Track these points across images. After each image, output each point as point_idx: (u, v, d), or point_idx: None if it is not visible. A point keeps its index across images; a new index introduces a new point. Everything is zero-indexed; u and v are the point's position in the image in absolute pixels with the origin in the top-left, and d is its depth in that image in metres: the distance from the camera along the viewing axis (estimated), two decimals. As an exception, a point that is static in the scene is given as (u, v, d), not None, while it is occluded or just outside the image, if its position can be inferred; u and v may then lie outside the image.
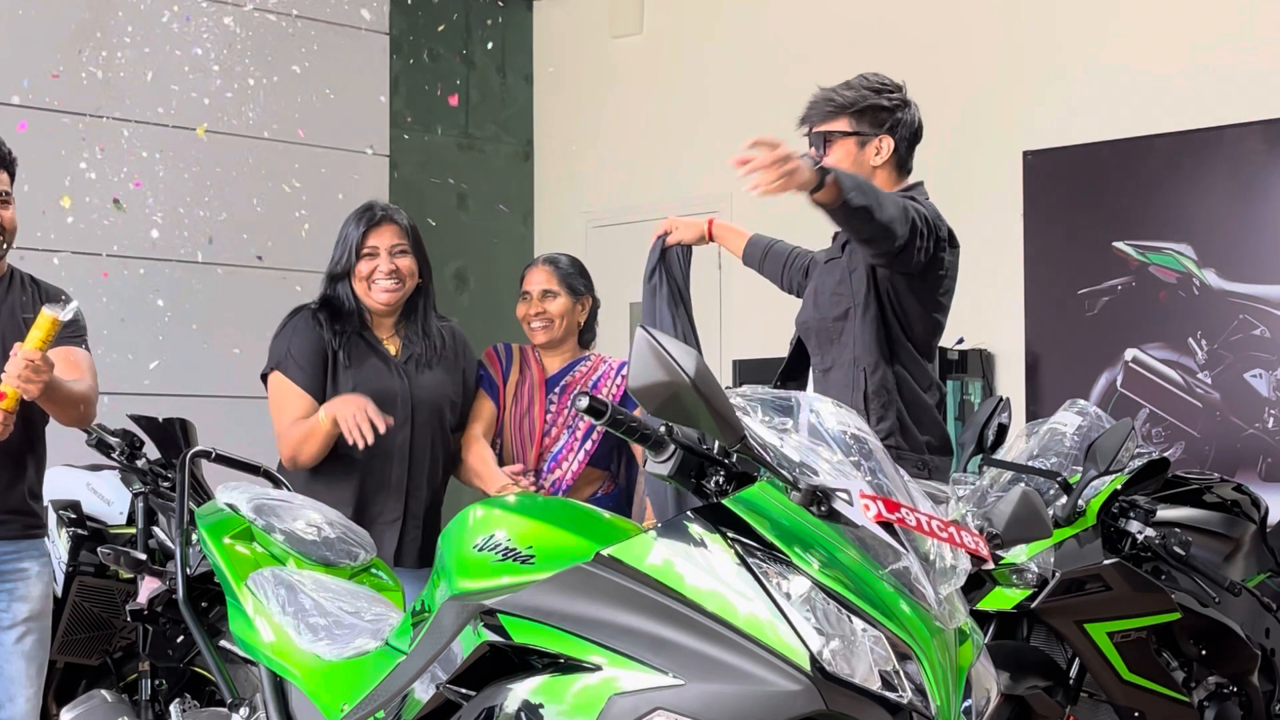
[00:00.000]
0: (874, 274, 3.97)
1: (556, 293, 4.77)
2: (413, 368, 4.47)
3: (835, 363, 4.04)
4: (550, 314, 4.76)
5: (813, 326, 4.11)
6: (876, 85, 4.11)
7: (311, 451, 4.37)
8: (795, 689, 2.32)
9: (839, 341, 4.03)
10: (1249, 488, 4.91)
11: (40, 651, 3.85)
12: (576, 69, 8.60)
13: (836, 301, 4.05)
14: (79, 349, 3.88)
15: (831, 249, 4.22)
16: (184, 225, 7.13)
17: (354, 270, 4.44)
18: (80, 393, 3.79)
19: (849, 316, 4.02)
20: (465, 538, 2.68)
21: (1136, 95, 6.68)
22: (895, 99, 4.11)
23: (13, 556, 3.80)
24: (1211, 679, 4.48)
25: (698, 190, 7.75)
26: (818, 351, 4.10)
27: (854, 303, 4.01)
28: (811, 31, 7.59)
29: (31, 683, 3.82)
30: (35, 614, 3.83)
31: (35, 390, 3.57)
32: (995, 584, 4.18)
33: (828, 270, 4.12)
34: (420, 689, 2.76)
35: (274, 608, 3.28)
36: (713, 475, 2.58)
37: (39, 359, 3.54)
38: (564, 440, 4.70)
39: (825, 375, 4.07)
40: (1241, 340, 6.41)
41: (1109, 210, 6.74)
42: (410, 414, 4.43)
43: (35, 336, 3.55)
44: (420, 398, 4.46)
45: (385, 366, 4.44)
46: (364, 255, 4.43)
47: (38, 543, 3.87)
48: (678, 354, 2.43)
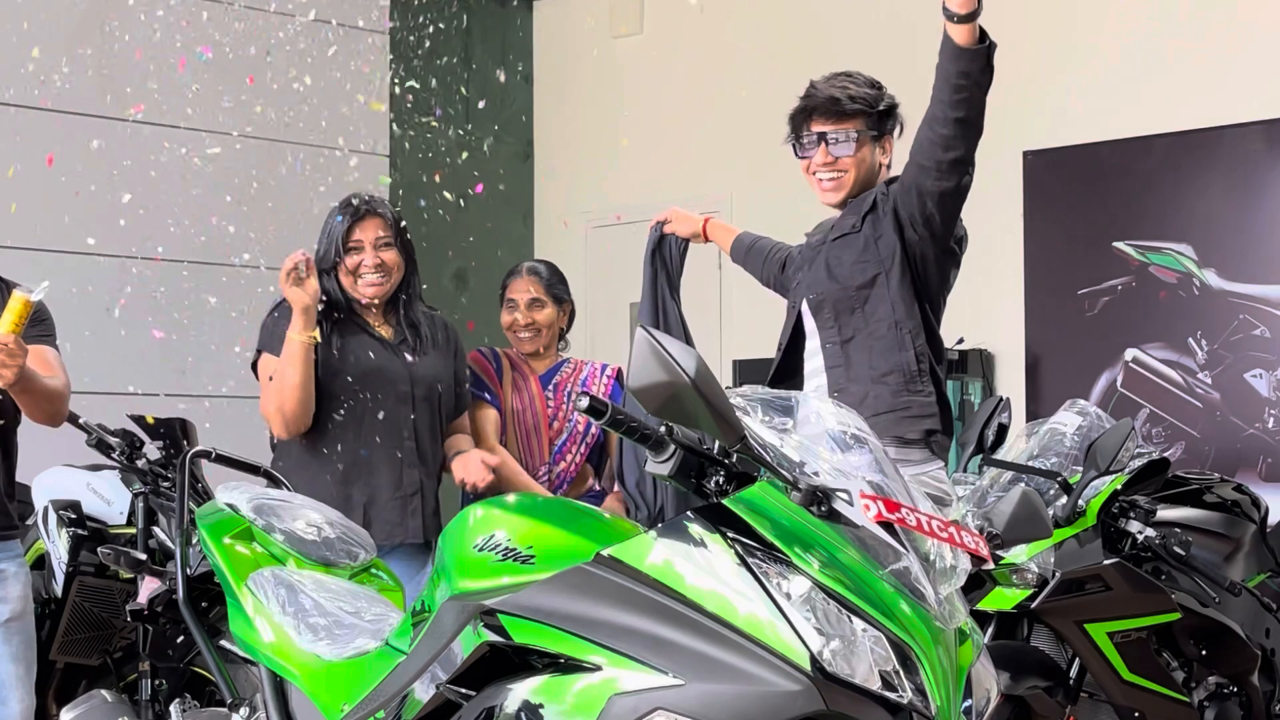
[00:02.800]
0: (902, 241, 3.85)
1: (544, 302, 4.87)
2: (406, 350, 4.48)
3: (859, 330, 3.86)
4: (539, 323, 4.86)
5: (829, 297, 3.91)
6: (876, 83, 4.04)
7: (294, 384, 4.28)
8: (795, 689, 2.32)
9: (863, 310, 3.86)
10: (1249, 488, 4.91)
11: (28, 652, 3.83)
12: (576, 69, 8.60)
13: (861, 269, 3.88)
14: (48, 347, 3.85)
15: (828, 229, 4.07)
16: (183, 225, 7.13)
17: (339, 264, 4.45)
18: (54, 388, 3.76)
19: (877, 283, 3.86)
20: (465, 538, 2.68)
21: (1136, 95, 6.69)
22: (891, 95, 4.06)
23: None
24: (1211, 679, 4.48)
25: (698, 190, 7.75)
26: (833, 323, 3.91)
27: (883, 269, 3.86)
28: (812, 31, 7.59)
29: (22, 684, 3.81)
30: (16, 614, 3.81)
31: (10, 375, 3.54)
32: (995, 584, 4.18)
33: (842, 246, 3.94)
34: (420, 689, 2.76)
35: (274, 608, 3.28)
36: (713, 475, 2.57)
37: (12, 342, 3.50)
38: (565, 434, 4.78)
39: (844, 345, 3.88)
40: (1241, 340, 6.41)
41: (1109, 210, 6.74)
42: (411, 390, 4.43)
43: (7, 320, 3.52)
44: (419, 375, 4.45)
45: (379, 345, 4.45)
46: (349, 249, 4.43)
47: (11, 544, 3.85)
48: (678, 354, 2.43)
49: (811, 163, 3.96)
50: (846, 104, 3.92)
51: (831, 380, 3.86)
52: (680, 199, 7.78)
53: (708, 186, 7.79)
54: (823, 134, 3.94)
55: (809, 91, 3.99)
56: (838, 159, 3.93)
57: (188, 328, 7.07)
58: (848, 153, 3.93)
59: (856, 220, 3.92)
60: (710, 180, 7.84)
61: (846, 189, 3.95)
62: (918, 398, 3.80)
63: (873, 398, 3.79)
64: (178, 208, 7.12)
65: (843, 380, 3.85)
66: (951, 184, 3.78)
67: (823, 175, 3.96)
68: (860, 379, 3.82)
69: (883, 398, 3.79)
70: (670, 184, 8.02)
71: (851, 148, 3.93)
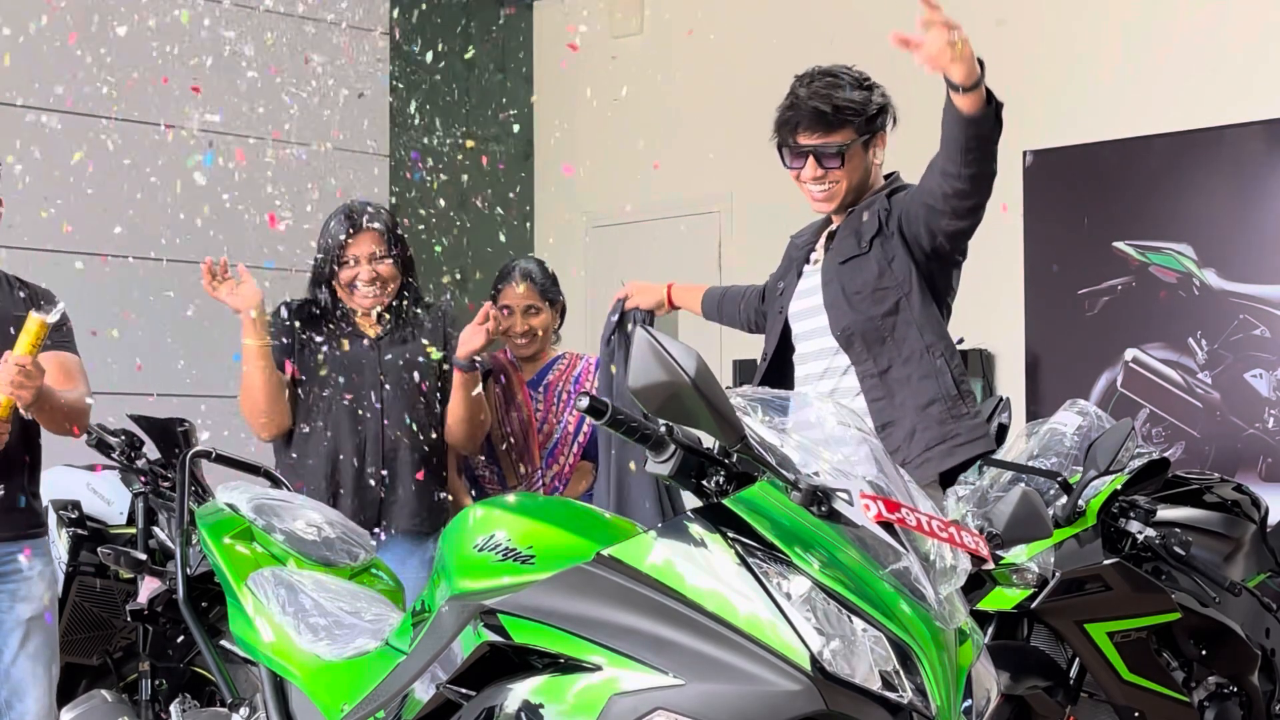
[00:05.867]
0: (914, 260, 3.73)
1: (539, 308, 4.87)
2: (383, 338, 4.50)
3: (895, 360, 3.73)
4: (535, 328, 4.85)
5: (857, 329, 3.76)
6: (865, 80, 3.84)
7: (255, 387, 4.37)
8: (795, 689, 2.32)
9: (893, 337, 3.72)
10: (1249, 488, 4.92)
11: (47, 651, 3.84)
12: (576, 69, 8.60)
13: (881, 298, 3.74)
14: (68, 353, 3.88)
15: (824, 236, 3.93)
16: (183, 225, 7.13)
17: (335, 276, 4.47)
18: (71, 402, 3.80)
19: (900, 308, 3.73)
20: (465, 538, 2.68)
21: (1136, 95, 6.68)
22: (881, 89, 3.86)
23: (12, 557, 3.80)
24: (1211, 679, 4.48)
25: (698, 190, 7.75)
26: (866, 356, 3.75)
27: (902, 293, 3.72)
28: (812, 31, 7.59)
29: (40, 683, 3.82)
30: (38, 614, 3.82)
31: (28, 396, 3.59)
32: (995, 584, 4.18)
33: (854, 270, 3.78)
34: (420, 689, 2.76)
35: (274, 608, 3.28)
36: (713, 475, 2.57)
37: (29, 364, 3.55)
38: (556, 435, 4.79)
39: (883, 377, 3.74)
40: (1241, 340, 6.41)
41: (1109, 210, 6.74)
42: (379, 375, 4.44)
43: (24, 341, 3.56)
44: (389, 360, 4.46)
45: (358, 341, 4.47)
46: (344, 264, 4.45)
47: (38, 543, 3.87)
48: (678, 354, 2.43)
49: (801, 174, 3.82)
50: (833, 115, 3.75)
51: (875, 413, 3.71)
52: (680, 199, 7.82)
53: (708, 186, 7.78)
54: (810, 147, 3.77)
55: (792, 99, 3.82)
56: (828, 171, 3.78)
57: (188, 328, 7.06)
58: (838, 165, 3.77)
59: (864, 242, 3.79)
60: (710, 180, 7.84)
61: (839, 198, 3.82)
62: (964, 421, 3.70)
63: (920, 430, 3.68)
64: (177, 208, 7.12)
65: (887, 412, 3.72)
66: (966, 224, 3.70)
67: (813, 188, 3.82)
68: (906, 410, 3.70)
69: (930, 428, 3.68)
70: (670, 184, 8.01)
71: (841, 160, 3.77)
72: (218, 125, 7.24)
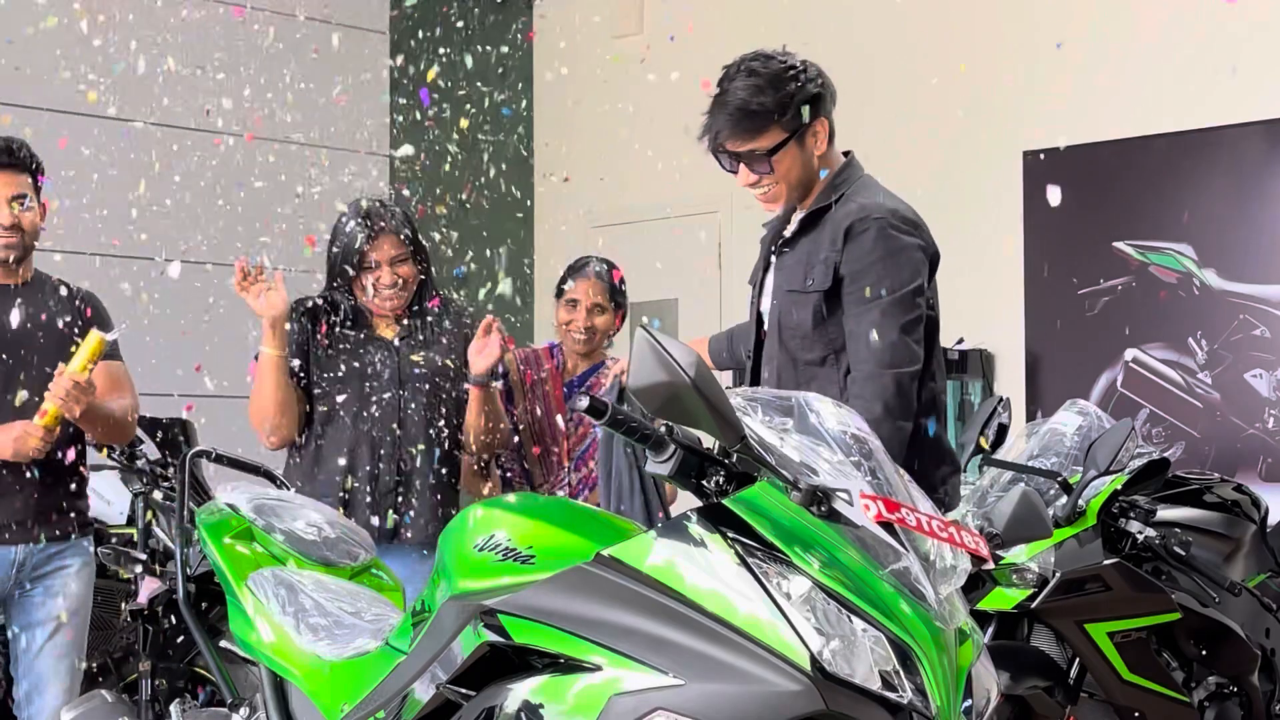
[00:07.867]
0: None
1: (605, 307, 4.85)
2: (402, 343, 4.42)
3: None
4: (597, 328, 4.84)
5: (778, 362, 3.60)
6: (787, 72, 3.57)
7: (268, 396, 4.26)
8: (795, 689, 2.32)
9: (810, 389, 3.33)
10: (1249, 488, 4.91)
11: (73, 650, 3.89)
12: (577, 69, 8.60)
13: (811, 345, 3.57)
14: (117, 362, 4.00)
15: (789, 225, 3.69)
16: (183, 225, 7.13)
17: (355, 279, 4.39)
18: (117, 414, 3.90)
19: (826, 364, 3.56)
20: (465, 538, 2.68)
21: (1136, 95, 6.68)
22: (813, 74, 3.59)
23: (55, 555, 3.86)
24: (1211, 679, 4.48)
25: (698, 190, 7.74)
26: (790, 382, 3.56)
27: (832, 349, 3.55)
28: (812, 31, 7.58)
29: (60, 680, 3.87)
30: (72, 611, 3.88)
31: (78, 410, 3.73)
32: (995, 584, 4.18)
33: (796, 303, 3.59)
34: (420, 689, 2.76)
35: (274, 608, 3.28)
36: (713, 475, 2.57)
37: (84, 380, 3.66)
38: (588, 441, 4.77)
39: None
40: (1241, 340, 6.41)
41: (1109, 210, 6.74)
42: (398, 380, 4.38)
43: (84, 357, 3.68)
44: (408, 365, 4.39)
45: (375, 344, 4.40)
46: (365, 267, 4.35)
47: (81, 543, 3.92)
48: (678, 354, 2.43)
49: (737, 179, 3.66)
50: (752, 122, 3.55)
51: None
52: (680, 199, 7.81)
53: (708, 187, 7.77)
54: (738, 154, 3.59)
55: (717, 95, 3.63)
56: (761, 176, 3.61)
57: (188, 328, 7.07)
58: (768, 170, 3.59)
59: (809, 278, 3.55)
60: (710, 181, 7.81)
61: (783, 198, 3.66)
62: None
63: None
64: (176, 209, 7.12)
65: None
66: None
67: (752, 192, 3.66)
68: None
69: None
70: (670, 184, 8.00)
71: (770, 164, 3.58)
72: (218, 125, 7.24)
